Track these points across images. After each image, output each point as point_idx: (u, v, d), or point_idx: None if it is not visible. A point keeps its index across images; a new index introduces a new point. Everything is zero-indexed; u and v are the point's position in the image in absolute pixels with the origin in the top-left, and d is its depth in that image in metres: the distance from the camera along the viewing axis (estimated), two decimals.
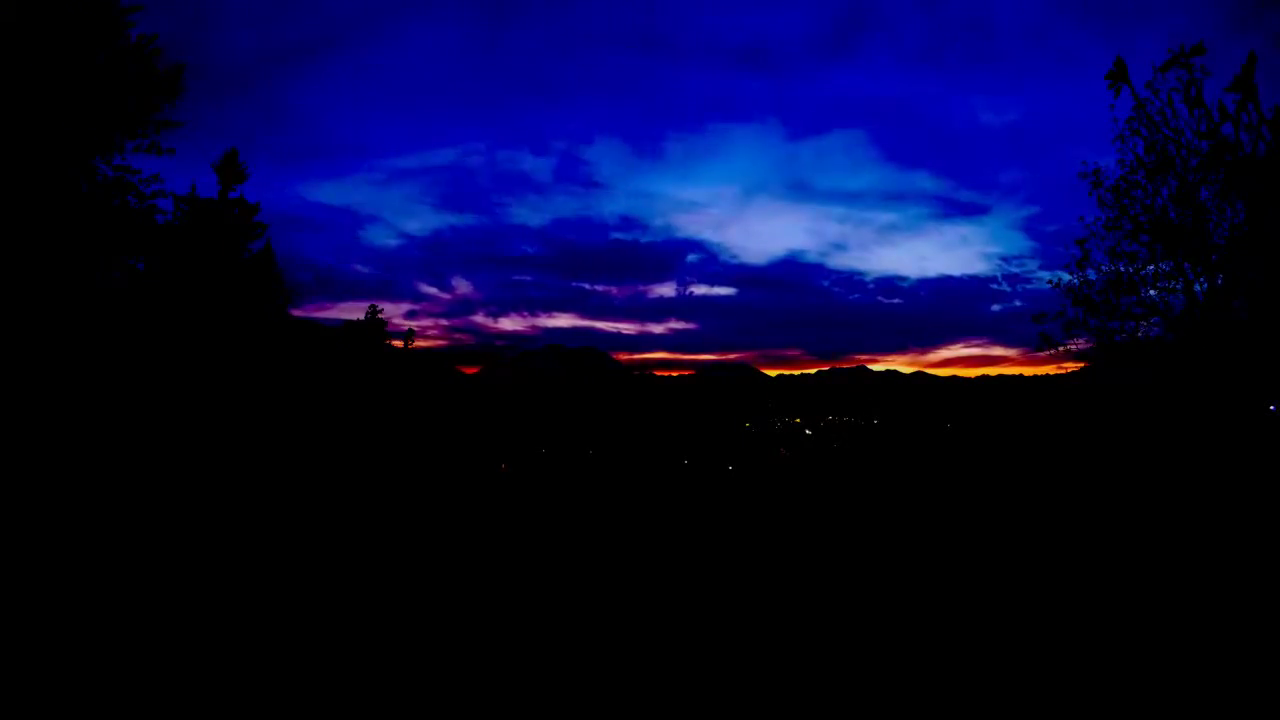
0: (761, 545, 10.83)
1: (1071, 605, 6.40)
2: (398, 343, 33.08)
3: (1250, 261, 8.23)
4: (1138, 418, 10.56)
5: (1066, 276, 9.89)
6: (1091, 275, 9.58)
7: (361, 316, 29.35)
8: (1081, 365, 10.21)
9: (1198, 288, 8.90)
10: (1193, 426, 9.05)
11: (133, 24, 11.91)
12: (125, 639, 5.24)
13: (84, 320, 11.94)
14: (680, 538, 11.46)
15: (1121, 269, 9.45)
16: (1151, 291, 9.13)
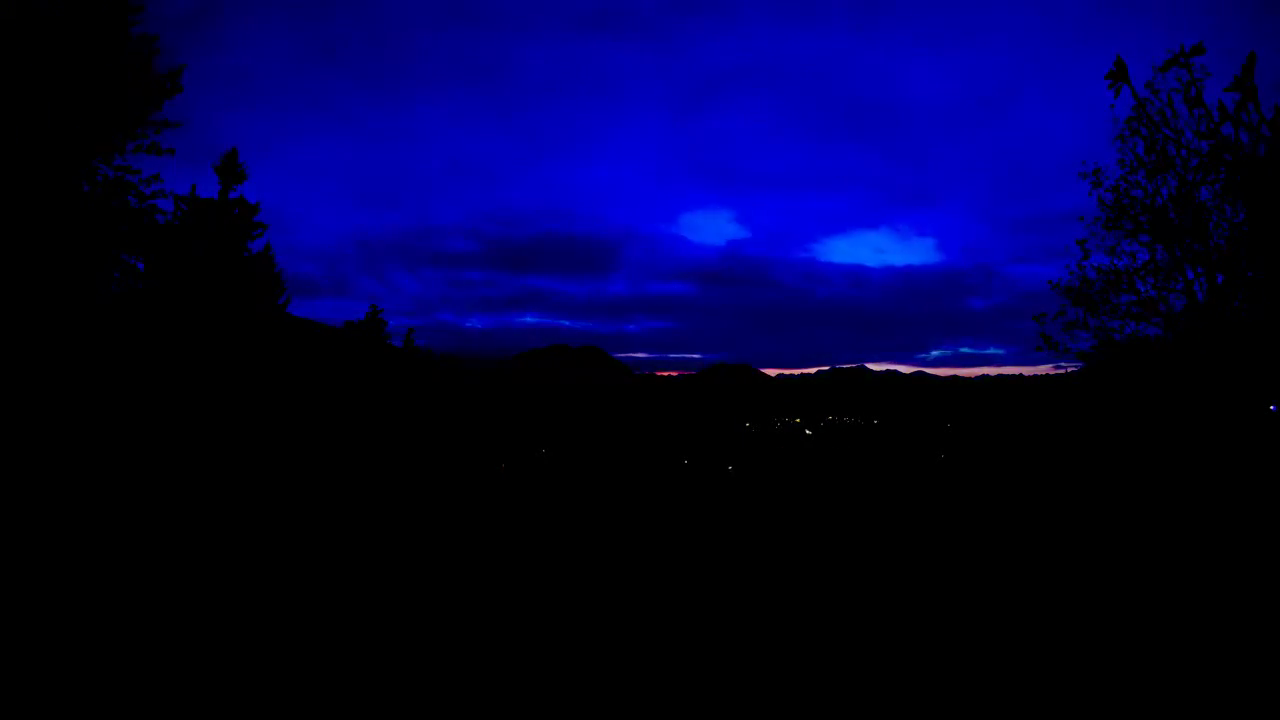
0: (763, 544, 10.82)
1: (1072, 605, 6.39)
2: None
3: (1250, 261, 8.22)
4: (1138, 418, 10.55)
5: (1065, 275, 9.91)
6: (1091, 275, 9.59)
7: (320, 316, 29.19)
8: (1081, 365, 10.19)
9: (1197, 288, 8.89)
10: (1193, 427, 9.04)
11: (135, 23, 11.94)
12: (123, 640, 5.23)
13: (85, 320, 11.95)
14: (688, 536, 11.45)
15: (1121, 267, 9.46)
16: (1151, 291, 9.14)
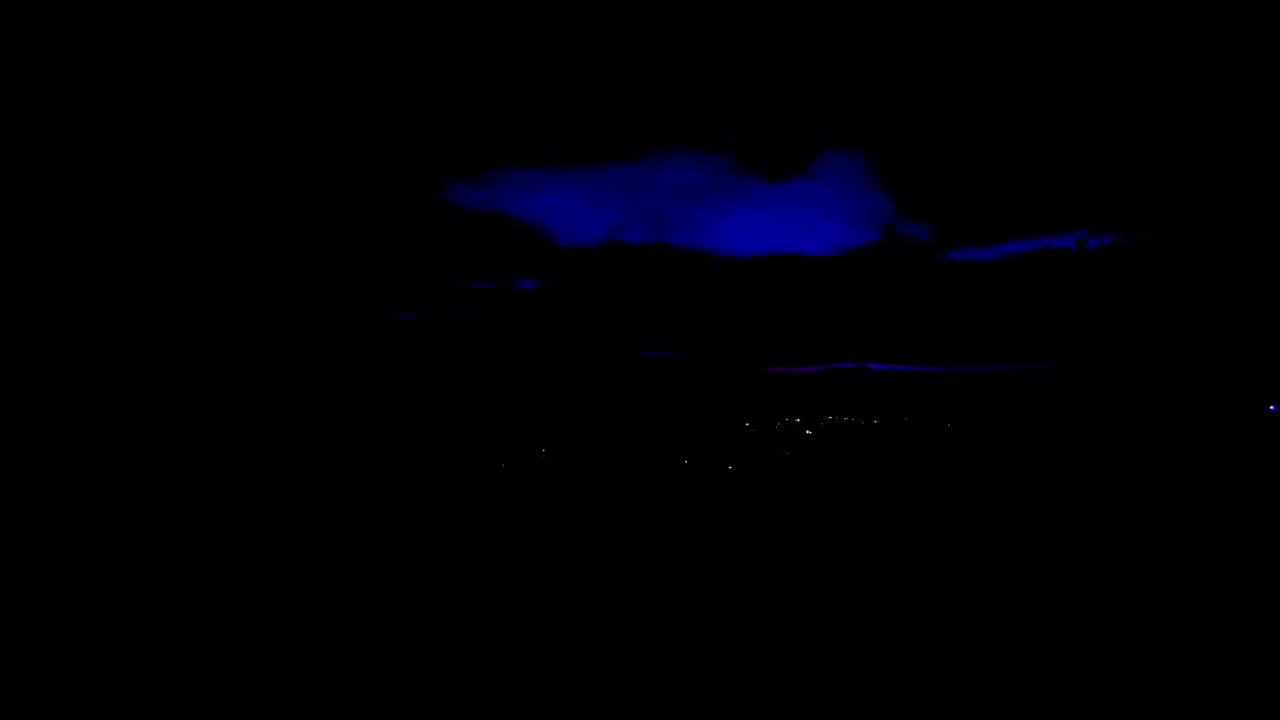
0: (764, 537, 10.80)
1: (1072, 601, 6.41)
2: None
3: None
4: (1139, 416, 10.54)
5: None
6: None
7: None
8: (1080, 362, 10.17)
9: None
10: (1193, 425, 9.05)
11: None
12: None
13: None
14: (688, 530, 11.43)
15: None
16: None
